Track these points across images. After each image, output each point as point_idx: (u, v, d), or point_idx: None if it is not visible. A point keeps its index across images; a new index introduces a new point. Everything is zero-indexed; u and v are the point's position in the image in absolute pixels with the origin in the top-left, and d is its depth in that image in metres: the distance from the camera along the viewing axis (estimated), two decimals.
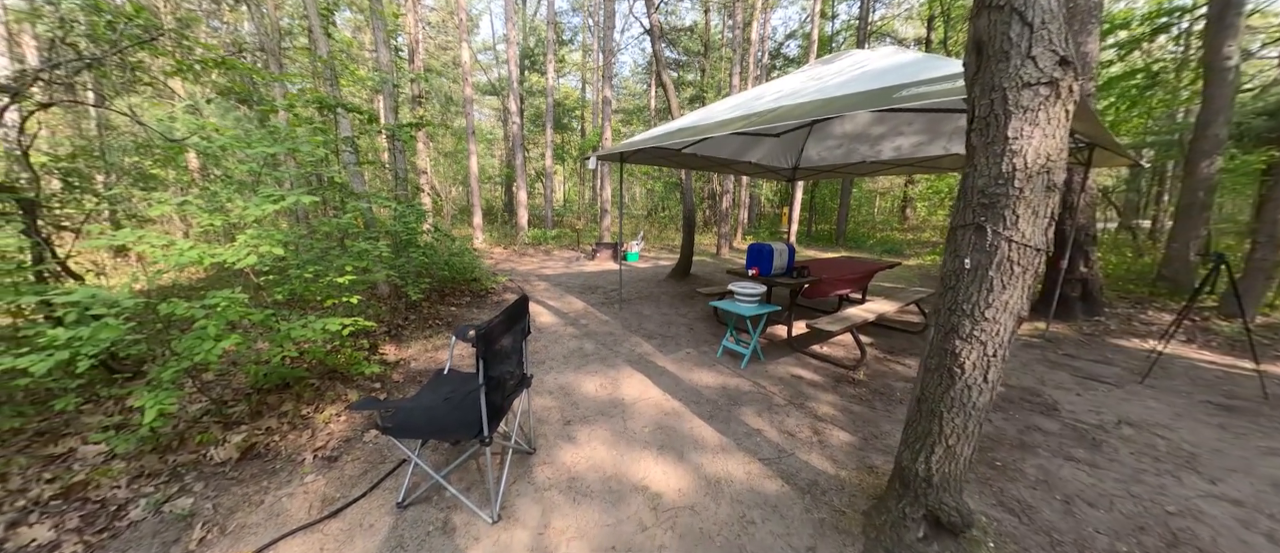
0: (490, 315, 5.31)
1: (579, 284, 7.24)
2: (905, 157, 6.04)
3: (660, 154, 5.40)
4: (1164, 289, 6.00)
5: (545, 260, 9.94)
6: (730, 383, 3.49)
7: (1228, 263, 3.77)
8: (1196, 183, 5.71)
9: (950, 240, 1.60)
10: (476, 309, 5.44)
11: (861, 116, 5.47)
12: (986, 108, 1.42)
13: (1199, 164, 5.69)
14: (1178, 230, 5.97)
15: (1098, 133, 3.31)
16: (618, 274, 6.65)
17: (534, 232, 12.44)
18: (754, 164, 6.78)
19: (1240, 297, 3.85)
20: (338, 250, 3.13)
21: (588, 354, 4.00)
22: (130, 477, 2.29)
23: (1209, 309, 5.61)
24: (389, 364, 3.59)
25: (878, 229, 19.29)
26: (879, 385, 3.60)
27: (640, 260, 10.32)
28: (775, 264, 4.10)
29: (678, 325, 4.98)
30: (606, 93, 10.69)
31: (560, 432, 2.73)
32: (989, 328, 1.50)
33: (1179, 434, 3.05)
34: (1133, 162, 4.46)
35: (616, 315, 5.31)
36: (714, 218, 17.21)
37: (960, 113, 4.39)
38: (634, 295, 6.44)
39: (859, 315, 4.03)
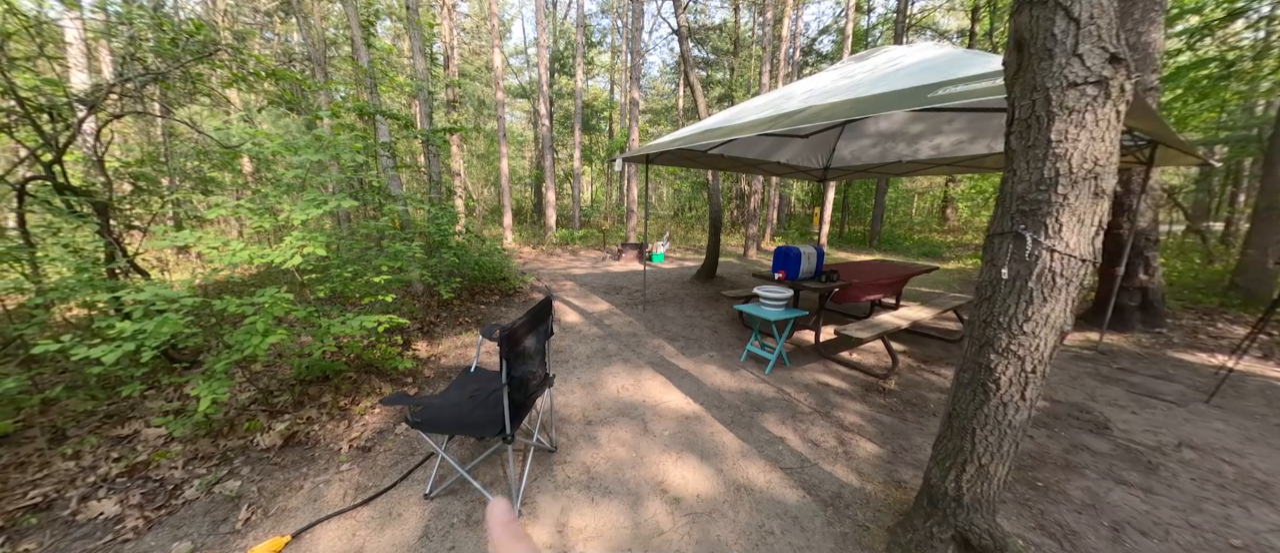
0: (517, 314, 5.43)
1: (604, 284, 7.30)
2: (945, 156, 5.77)
3: (687, 155, 5.37)
4: (1237, 299, 5.50)
5: (572, 260, 10.07)
6: (753, 389, 3.44)
7: None
8: (1277, 183, 5.21)
9: (987, 248, 1.52)
10: (505, 308, 5.57)
11: (898, 115, 5.26)
12: (1028, 109, 1.34)
13: (1276, 164, 5.18)
14: (1254, 235, 5.45)
15: (1159, 130, 3.06)
16: (643, 275, 6.67)
17: (561, 232, 12.62)
18: (783, 164, 6.64)
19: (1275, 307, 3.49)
20: (375, 251, 3.28)
21: (611, 354, 4.03)
22: (186, 458, 2.47)
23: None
24: (421, 360, 3.73)
25: (915, 231, 18.55)
26: (911, 396, 3.47)
27: (666, 261, 10.30)
28: (803, 268, 4.01)
29: (701, 328, 4.94)
30: (634, 94, 10.72)
31: (581, 431, 2.76)
32: (1027, 342, 1.42)
33: (1249, 461, 2.79)
34: (1202, 160, 4.11)
35: (640, 317, 5.32)
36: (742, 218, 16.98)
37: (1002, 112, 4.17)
38: (658, 297, 6.44)
39: (891, 322, 3.88)
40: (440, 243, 4.02)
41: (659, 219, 20.35)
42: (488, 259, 5.75)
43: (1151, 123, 2.94)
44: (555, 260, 10.01)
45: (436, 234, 3.96)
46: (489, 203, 19.09)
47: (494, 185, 20.13)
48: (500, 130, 11.22)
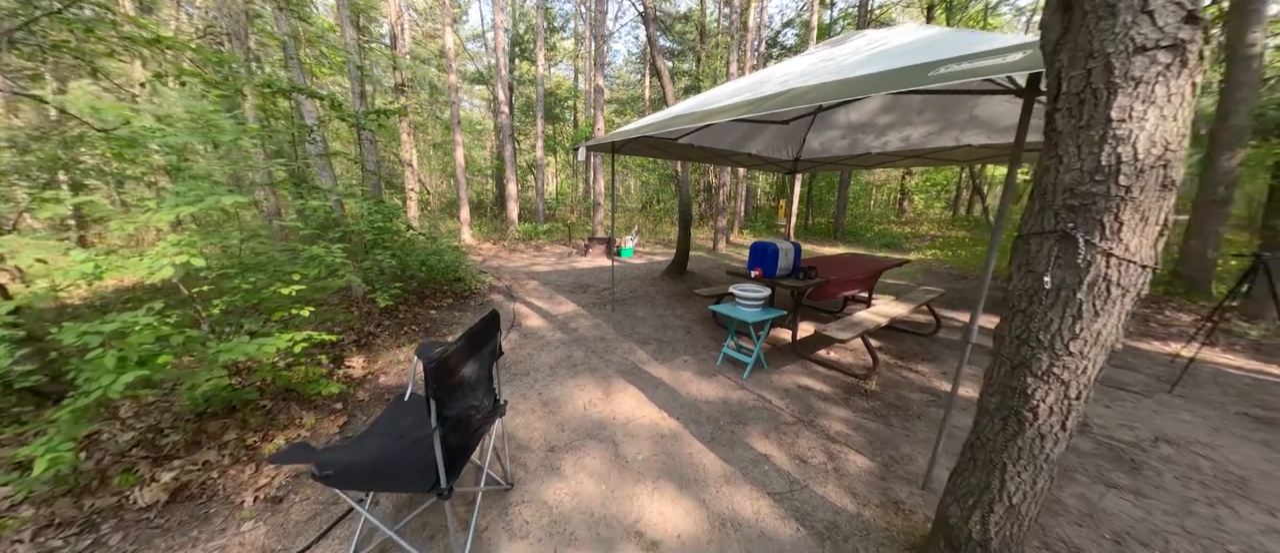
0: (473, 320, 4.96)
1: (570, 283, 6.89)
2: (914, 147, 5.72)
3: (655, 145, 5.04)
4: (1181, 288, 5.76)
5: (536, 256, 9.57)
6: (732, 397, 3.18)
7: (1268, 263, 3.50)
8: (1217, 177, 5.45)
9: (1020, 251, 1.28)
10: (458, 313, 5.08)
11: (869, 104, 5.13)
12: (1080, 80, 1.09)
13: (1219, 156, 5.42)
14: (1196, 226, 5.72)
15: None
16: (611, 271, 6.32)
17: (524, 226, 12.04)
18: (754, 155, 6.44)
19: (1231, 295, 3.59)
20: (289, 256, 2.76)
21: (577, 363, 3.67)
22: (37, 527, 1.94)
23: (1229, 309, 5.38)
24: (355, 380, 3.24)
25: (875, 223, 19.06)
26: (893, 398, 3.31)
27: (635, 256, 9.98)
28: (780, 265, 3.78)
29: (674, 329, 4.66)
30: (598, 81, 10.25)
31: (543, 461, 2.40)
32: (1073, 364, 1.19)
33: (1222, 453, 2.80)
34: None
35: (609, 318, 4.98)
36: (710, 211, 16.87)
37: (995, 94, 4.06)
38: (627, 295, 6.11)
39: (870, 319, 3.72)
40: (375, 242, 3.50)
41: (627, 212, 19.97)
42: (437, 258, 5.22)
43: None
44: (517, 257, 9.48)
45: (369, 232, 3.45)
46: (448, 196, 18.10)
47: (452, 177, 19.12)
48: (454, 117, 10.48)
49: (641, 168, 20.92)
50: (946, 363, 4.05)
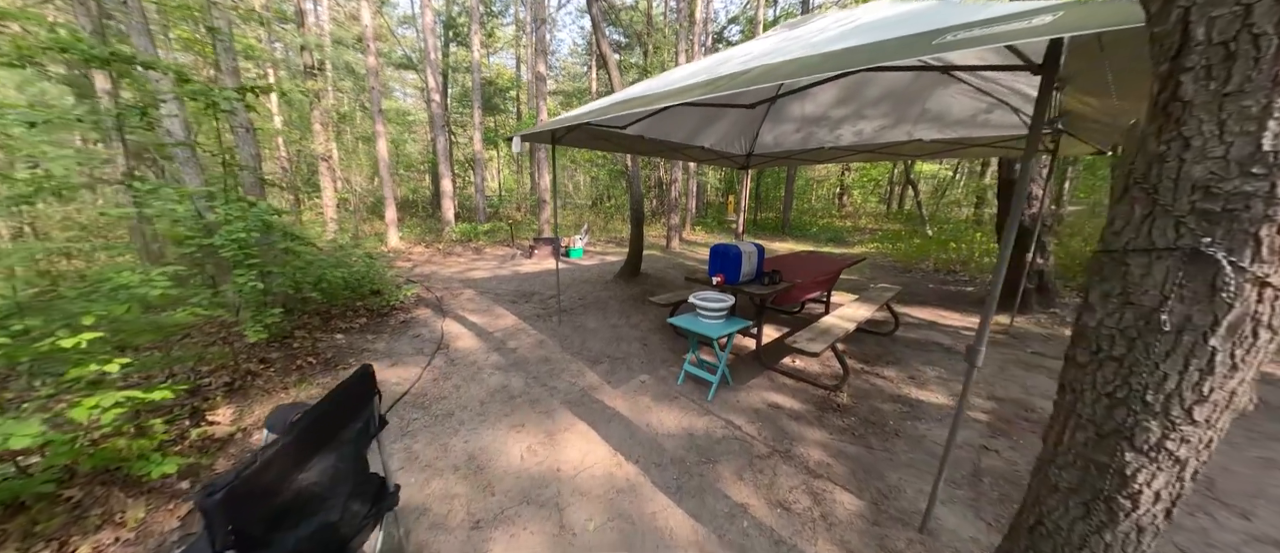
0: (394, 342, 4.20)
1: (512, 290, 6.22)
2: (866, 142, 5.61)
3: (601, 135, 4.52)
4: None
5: (474, 260, 8.73)
6: (698, 426, 2.76)
7: None
8: (1026, 176, 5.78)
9: (1110, 274, 0.91)
10: (372, 335, 4.30)
11: (825, 95, 4.91)
12: (1230, 23, 0.72)
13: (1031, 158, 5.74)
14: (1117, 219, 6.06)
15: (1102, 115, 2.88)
16: (556, 277, 5.73)
17: (462, 227, 11.06)
18: (707, 149, 6.09)
19: None
20: (86, 290, 1.98)
21: (514, 395, 3.10)
22: None
23: None
24: (216, 442, 2.47)
25: (819, 217, 19.67)
26: (866, 411, 3.05)
27: (585, 257, 9.40)
28: (743, 270, 3.42)
29: (629, 341, 4.19)
30: (540, 68, 9.53)
31: (464, 545, 1.84)
32: (1196, 436, 0.84)
33: None
34: (1098, 149, 4.24)
35: (555, 332, 4.42)
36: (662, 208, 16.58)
37: (1001, 71, 3.86)
38: (576, 303, 5.56)
39: (839, 326, 3.45)
40: (241, 259, 2.69)
41: (576, 209, 19.24)
42: (342, 270, 4.37)
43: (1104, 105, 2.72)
44: (453, 262, 8.59)
45: (227, 247, 2.64)
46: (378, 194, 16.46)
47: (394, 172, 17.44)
48: (375, 105, 9.31)
49: (591, 163, 20.24)
50: (911, 365, 3.89)
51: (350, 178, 16.13)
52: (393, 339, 4.19)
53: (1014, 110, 4.08)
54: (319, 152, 11.19)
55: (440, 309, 5.19)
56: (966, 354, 1.79)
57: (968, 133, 4.72)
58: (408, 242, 10.41)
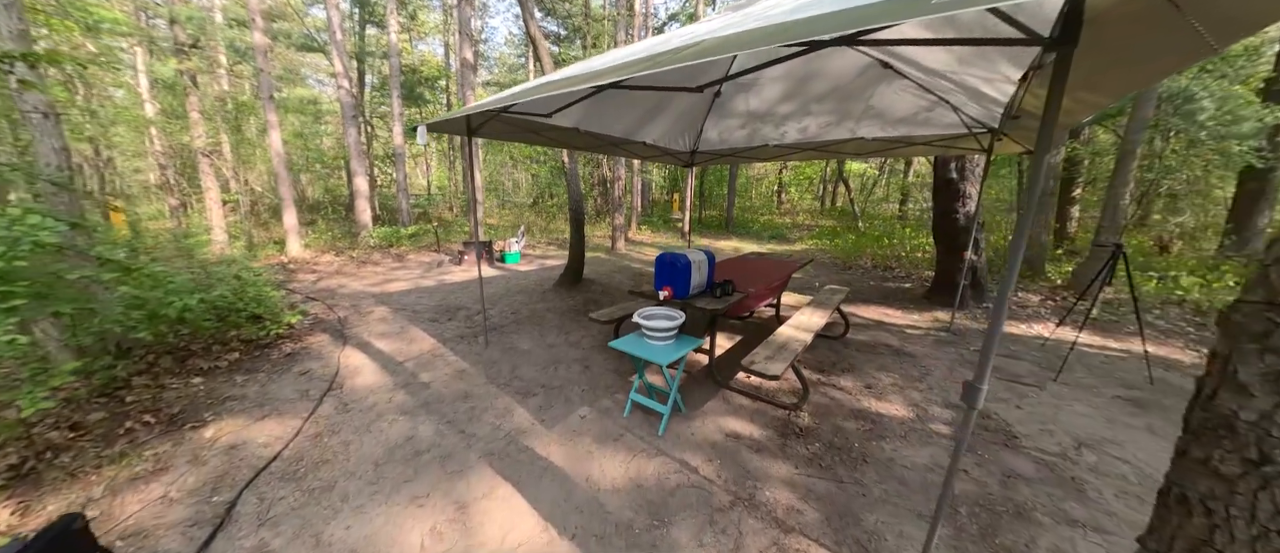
0: (271, 384, 3.37)
1: (433, 305, 5.45)
2: (810, 139, 5.48)
3: (529, 127, 3.95)
4: (1025, 271, 6.47)
5: (395, 270, 7.74)
6: (648, 473, 2.33)
7: (1125, 252, 3.73)
8: (1045, 174, 6.15)
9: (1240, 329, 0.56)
10: (245, 376, 3.44)
11: (770, 91, 4.68)
12: None
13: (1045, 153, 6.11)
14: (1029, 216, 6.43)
15: None
16: (491, 284, 5.09)
17: (382, 231, 9.87)
18: (649, 145, 5.69)
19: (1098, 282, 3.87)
20: None
21: (421, 451, 2.49)
22: None
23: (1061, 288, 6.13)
24: None
25: (760, 214, 20.12)
26: (829, 432, 2.79)
27: (523, 261, 8.69)
28: (694, 281, 3.04)
29: (568, 364, 3.68)
30: (467, 54, 8.64)
31: None
32: None
33: (1129, 451, 2.77)
34: (1028, 150, 4.33)
35: (480, 357, 3.80)
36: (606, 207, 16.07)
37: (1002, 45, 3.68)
38: (509, 318, 4.93)
39: (795, 339, 3.18)
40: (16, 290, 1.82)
41: (515, 209, 18.21)
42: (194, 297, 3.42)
43: None
44: (368, 272, 7.56)
45: None
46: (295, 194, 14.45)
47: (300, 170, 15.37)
48: (265, 90, 7.95)
49: (531, 159, 19.25)
50: (865, 372, 3.73)
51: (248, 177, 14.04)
52: (270, 379, 3.37)
53: (954, 108, 4.05)
54: (198, 146, 9.51)
55: (341, 334, 4.36)
56: (964, 394, 1.50)
57: (909, 131, 4.69)
58: (314, 250, 9.10)
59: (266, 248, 9.46)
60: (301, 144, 15.40)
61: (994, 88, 2.84)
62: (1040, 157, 1.27)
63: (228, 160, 12.41)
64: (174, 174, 11.96)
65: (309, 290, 6.13)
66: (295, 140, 15.33)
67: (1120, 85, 1.94)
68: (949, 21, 2.06)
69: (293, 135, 15.27)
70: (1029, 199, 1.33)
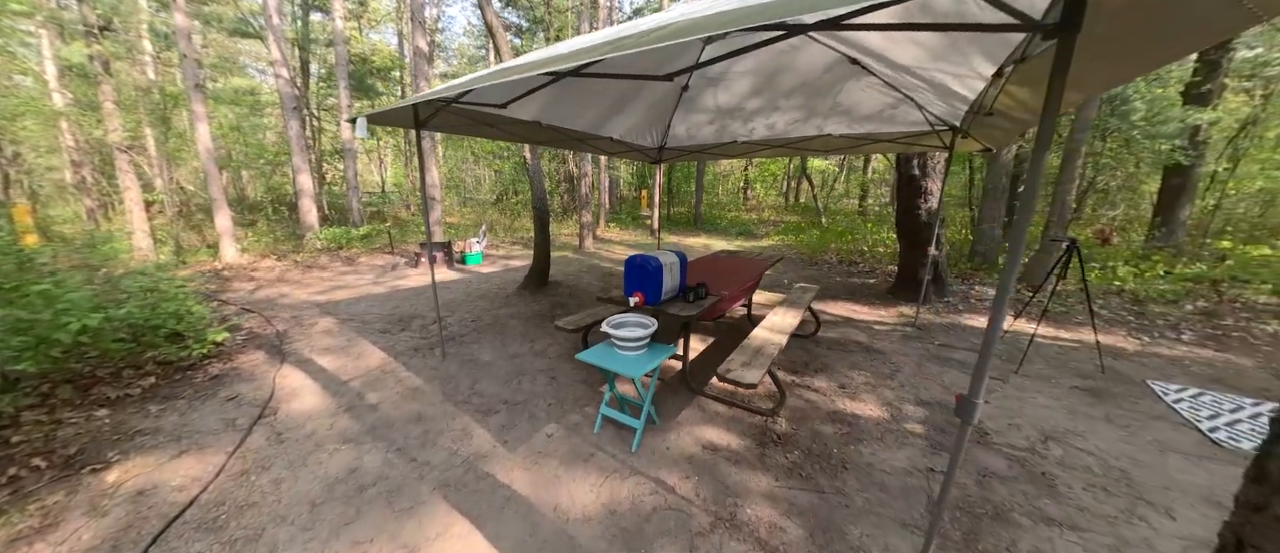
0: (192, 413, 2.95)
1: (385, 314, 5.06)
2: (779, 136, 5.44)
3: (484, 120, 3.67)
4: (980, 265, 6.72)
5: (344, 275, 7.20)
6: (622, 496, 2.16)
7: (1079, 248, 3.86)
8: (998, 170, 6.39)
9: None
10: (160, 405, 3.02)
11: (740, 85, 4.58)
12: None
13: (999, 153, 6.35)
14: (985, 212, 6.68)
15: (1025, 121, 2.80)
16: (450, 288, 4.75)
17: (331, 232, 9.20)
18: (616, 141, 5.50)
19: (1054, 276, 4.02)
20: None
21: (367, 485, 2.21)
22: None
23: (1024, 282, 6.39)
24: None
25: (727, 211, 20.30)
26: (807, 438, 2.72)
27: (485, 263, 8.30)
28: (666, 285, 2.88)
29: (533, 375, 3.45)
30: (420, 42, 8.12)
31: None
32: None
33: (1092, 442, 2.84)
34: (986, 148, 4.43)
35: (436, 371, 3.51)
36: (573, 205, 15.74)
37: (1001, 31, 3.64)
38: (468, 327, 4.63)
39: (770, 341, 3.09)
40: None
41: (477, 207, 17.55)
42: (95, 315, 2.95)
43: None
44: (314, 279, 6.99)
45: None
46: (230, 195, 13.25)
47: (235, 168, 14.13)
48: (189, 77, 7.18)
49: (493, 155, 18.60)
50: (838, 371, 3.71)
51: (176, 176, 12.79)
52: (191, 407, 2.97)
53: (919, 106, 4.07)
54: (113, 141, 8.54)
55: (279, 350, 3.94)
56: (958, 407, 1.41)
57: (875, 128, 4.71)
58: (253, 255, 8.36)
59: (198, 254, 8.62)
60: (239, 139, 14.22)
61: (962, 84, 2.83)
62: (1040, 154, 1.18)
63: (152, 157, 11.26)
64: (91, 172, 10.74)
65: (244, 301, 5.58)
66: (232, 135, 14.11)
67: (1107, 78, 1.88)
68: (924, 9, 1.99)
69: (229, 129, 14.05)
70: (1028, 196, 1.23)
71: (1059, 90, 1.13)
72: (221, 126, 13.51)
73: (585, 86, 3.78)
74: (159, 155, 11.33)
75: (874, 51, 3.17)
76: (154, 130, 11.11)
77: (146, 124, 11.08)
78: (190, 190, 12.67)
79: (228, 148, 14.03)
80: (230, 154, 14.49)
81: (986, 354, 1.30)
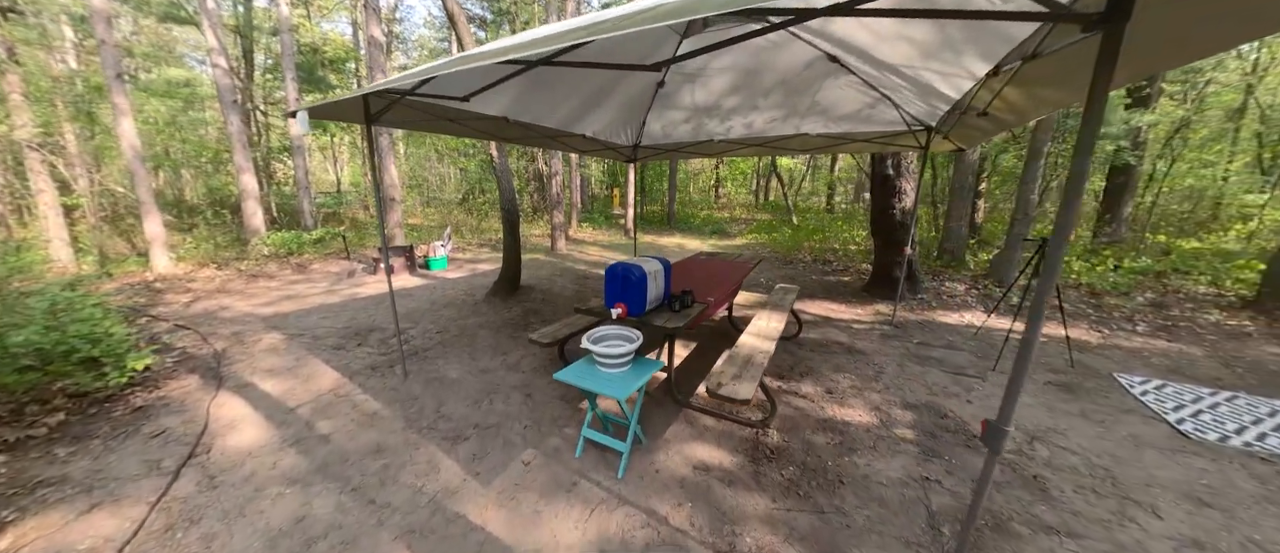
0: (109, 455, 2.51)
1: (340, 328, 4.65)
2: (757, 135, 5.35)
3: (448, 114, 3.37)
4: (948, 261, 6.88)
5: (294, 284, 6.65)
6: (611, 531, 1.97)
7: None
8: (965, 169, 6.55)
9: None
10: (71, 445, 2.59)
11: (718, 83, 4.44)
12: None
13: (965, 153, 6.51)
14: (952, 210, 6.85)
15: None
16: (413, 296, 4.39)
17: (280, 236, 8.52)
18: (589, 138, 5.27)
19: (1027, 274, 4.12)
20: None
21: (317, 538, 1.92)
22: None
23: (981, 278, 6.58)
24: None
25: (700, 209, 20.33)
26: (800, 450, 2.61)
27: (450, 267, 7.88)
28: (650, 294, 2.70)
29: (507, 393, 3.19)
30: (375, 32, 7.59)
31: None
32: None
33: (1071, 439, 2.87)
34: (958, 147, 4.48)
35: (398, 393, 3.19)
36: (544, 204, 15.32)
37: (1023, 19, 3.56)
38: (433, 340, 4.30)
39: (759, 350, 2.97)
40: None
41: (443, 207, 16.84)
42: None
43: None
44: (260, 288, 6.42)
45: None
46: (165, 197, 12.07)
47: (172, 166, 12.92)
48: (107, 66, 6.40)
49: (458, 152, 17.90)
50: (823, 375, 3.65)
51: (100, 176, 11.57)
52: (108, 448, 2.57)
53: (896, 106, 4.06)
54: (21, 138, 7.60)
55: (216, 374, 3.51)
56: (985, 435, 1.29)
57: (852, 128, 4.69)
58: (191, 263, 7.62)
59: (126, 263, 7.79)
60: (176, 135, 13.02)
61: (949, 83, 2.78)
62: (1083, 156, 1.06)
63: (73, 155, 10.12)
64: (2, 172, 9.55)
65: (178, 317, 5.02)
66: (167, 130, 12.91)
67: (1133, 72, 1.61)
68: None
69: (165, 124, 12.85)
70: (1071, 197, 1.12)
71: (1105, 85, 1.01)
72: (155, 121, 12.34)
73: (556, 80, 3.54)
74: (82, 153, 10.20)
75: (858, 48, 3.08)
76: (77, 125, 9.99)
77: (66, 119, 9.95)
78: (121, 191, 11.50)
79: (165, 144, 12.85)
80: (166, 151, 13.31)
81: (1020, 379, 1.19)
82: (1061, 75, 1.77)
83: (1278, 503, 2.32)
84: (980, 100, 2.55)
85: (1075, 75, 1.75)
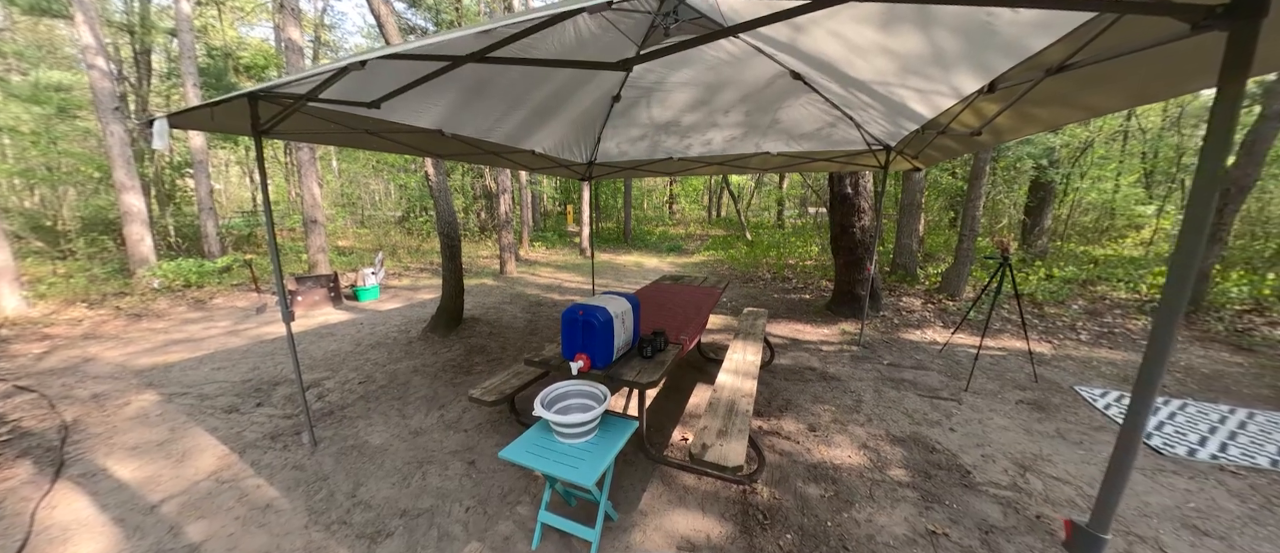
0: None
1: (238, 381, 3.84)
2: (715, 154, 5.16)
3: (366, 125, 2.83)
4: (901, 276, 7.02)
5: (187, 324, 5.61)
6: None
7: (1011, 262, 3.97)
8: (913, 186, 6.74)
9: None
10: None
11: (678, 97, 4.19)
12: None
13: (912, 173, 6.72)
14: (902, 226, 7.03)
15: None
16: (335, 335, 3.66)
17: (173, 265, 7.29)
18: (539, 155, 4.84)
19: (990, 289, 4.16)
20: None
21: None
22: None
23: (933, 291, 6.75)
24: None
25: (655, 226, 20.25)
26: (794, 509, 2.31)
27: (383, 296, 7.05)
28: (618, 340, 2.29)
29: (444, 463, 2.64)
30: (292, 32, 6.76)
31: None
32: None
33: (1060, 466, 2.77)
34: (916, 166, 4.50)
35: (302, 473, 2.54)
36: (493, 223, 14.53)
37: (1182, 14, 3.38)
38: (354, 393, 3.61)
39: (740, 394, 2.65)
40: None
41: (380, 227, 15.54)
42: None
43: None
44: (143, 331, 5.35)
45: None
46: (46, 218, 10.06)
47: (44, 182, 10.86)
48: None
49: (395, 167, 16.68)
50: (802, 408, 3.40)
51: None
52: None
53: (857, 126, 3.98)
54: None
55: (56, 458, 2.68)
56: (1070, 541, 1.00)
57: (812, 147, 4.60)
58: (55, 302, 6.28)
59: None
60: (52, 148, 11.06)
61: (924, 101, 2.64)
62: (1209, 171, 0.80)
63: None
64: None
65: (21, 373, 3.98)
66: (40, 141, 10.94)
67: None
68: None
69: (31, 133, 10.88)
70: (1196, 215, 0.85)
71: (1238, 90, 0.76)
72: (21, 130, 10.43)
73: (496, 89, 3.11)
74: None
75: (827, 63, 2.92)
76: None
77: None
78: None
79: (39, 158, 10.88)
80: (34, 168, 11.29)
81: (1124, 474, 0.90)
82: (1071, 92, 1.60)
83: (1263, 522, 2.28)
84: (963, 121, 2.42)
85: (1086, 92, 1.59)
